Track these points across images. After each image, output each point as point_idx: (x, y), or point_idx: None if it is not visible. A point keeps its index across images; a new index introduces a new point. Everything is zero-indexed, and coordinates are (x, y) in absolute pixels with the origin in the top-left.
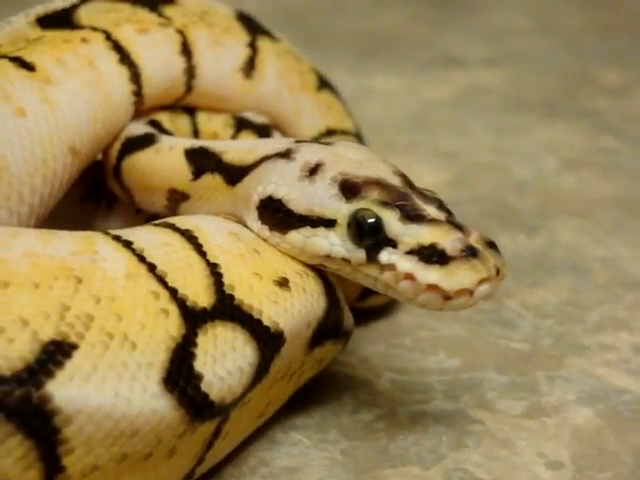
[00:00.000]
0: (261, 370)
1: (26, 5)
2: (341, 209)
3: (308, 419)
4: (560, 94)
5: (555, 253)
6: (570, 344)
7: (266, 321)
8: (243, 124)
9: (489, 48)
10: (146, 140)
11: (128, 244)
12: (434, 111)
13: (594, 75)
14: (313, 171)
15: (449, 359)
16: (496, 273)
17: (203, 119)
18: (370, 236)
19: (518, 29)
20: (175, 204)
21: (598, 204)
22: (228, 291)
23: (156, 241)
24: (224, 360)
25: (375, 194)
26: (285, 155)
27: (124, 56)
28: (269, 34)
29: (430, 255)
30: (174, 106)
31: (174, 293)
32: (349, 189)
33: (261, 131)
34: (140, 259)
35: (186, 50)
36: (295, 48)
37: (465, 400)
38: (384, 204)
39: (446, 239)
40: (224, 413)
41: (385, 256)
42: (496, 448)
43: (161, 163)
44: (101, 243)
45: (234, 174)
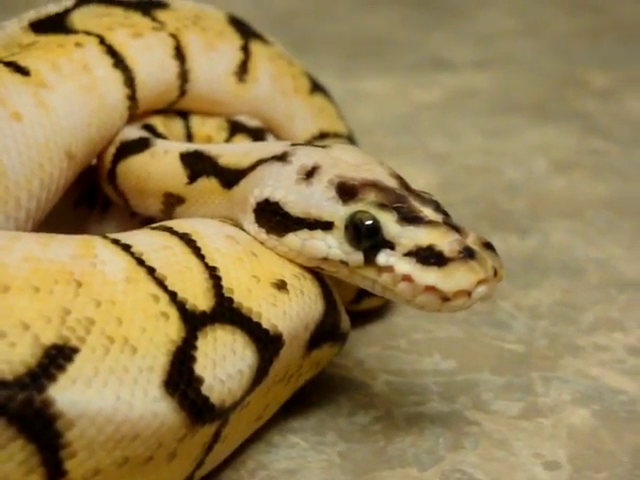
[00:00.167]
0: (260, 373)
1: (19, 10)
2: (338, 211)
3: (305, 422)
4: (549, 96)
5: (547, 254)
6: (565, 345)
7: (265, 324)
8: (237, 128)
9: (477, 51)
10: (141, 144)
11: (127, 248)
12: (423, 113)
13: (582, 77)
14: (310, 174)
15: (444, 361)
16: (493, 274)
17: (197, 123)
18: (368, 238)
19: (505, 32)
20: (171, 208)
21: (589, 205)
22: (227, 294)
23: (155, 244)
24: (224, 363)
25: (372, 196)
26: (281, 158)
27: (118, 60)
28: (261, 38)
29: (428, 257)
30: (168, 110)
31: (174, 296)
32: (346, 191)
33: (255, 134)
34: (139, 262)
35: (179, 54)
36: (287, 52)
37: (461, 401)
38: (381, 206)
39: (444, 241)
40: (224, 416)
41: (383, 258)
42: (493, 449)
43: (156, 167)
44: (100, 247)
45: (230, 177)
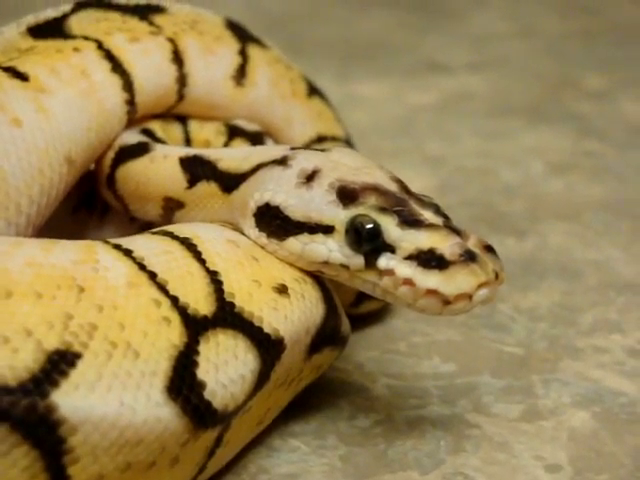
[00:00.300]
0: (262, 377)
1: (17, 15)
2: (339, 215)
3: (306, 425)
4: (544, 98)
5: (545, 256)
6: (564, 347)
7: (267, 328)
8: (235, 132)
9: (472, 53)
10: (140, 149)
11: (128, 252)
12: (419, 116)
13: (577, 79)
14: (310, 178)
15: (444, 364)
16: (495, 277)
17: (195, 127)
18: (368, 242)
19: (500, 34)
20: (170, 212)
21: (586, 207)
22: (228, 299)
23: (156, 249)
24: (226, 368)
25: (373, 200)
26: (281, 162)
27: (116, 65)
28: (259, 42)
29: (429, 260)
30: (166, 114)
31: (175, 301)
32: (347, 195)
33: (253, 139)
34: (141, 267)
35: (177, 58)
36: (284, 55)
37: (462, 404)
38: (382, 210)
39: (445, 244)
40: (226, 421)
41: (384, 262)
42: (494, 452)
43: (156, 172)
44: (102, 252)
45: (230, 182)
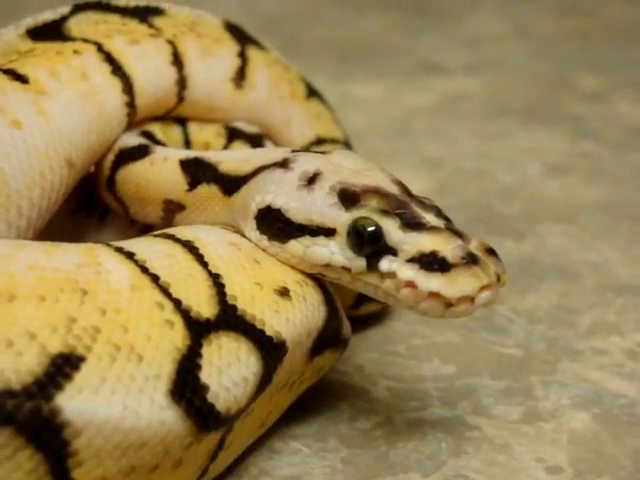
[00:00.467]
0: (264, 380)
1: (16, 17)
2: (341, 218)
3: (307, 428)
4: (540, 100)
5: (543, 258)
6: (563, 349)
7: (269, 331)
8: (235, 134)
9: (468, 54)
10: (140, 151)
11: (130, 255)
12: (416, 118)
13: (572, 80)
14: (311, 180)
15: (444, 366)
16: (496, 280)
17: (195, 129)
18: (370, 244)
19: (495, 35)
20: (171, 215)
21: (584, 209)
22: (231, 301)
23: (158, 252)
24: (229, 370)
25: (374, 202)
26: (283, 165)
27: (116, 67)
28: (258, 44)
29: (431, 263)
30: (165, 117)
31: (178, 304)
32: (348, 198)
33: (253, 141)
34: (143, 270)
35: (177, 61)
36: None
37: (462, 407)
38: (384, 212)
39: (446, 246)
40: (229, 424)
41: (386, 264)
42: (495, 454)
43: (156, 174)
44: (104, 255)
45: (230, 184)
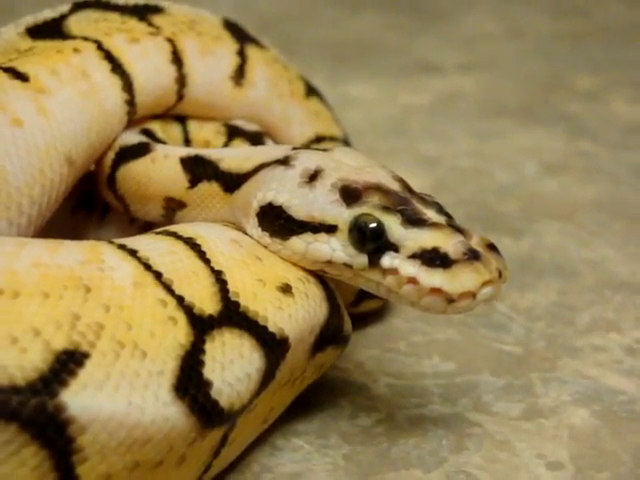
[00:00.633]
0: (267, 376)
1: (15, 15)
2: (342, 214)
3: (308, 425)
4: (535, 99)
5: (541, 256)
6: (562, 346)
7: (272, 327)
8: (235, 132)
9: (463, 54)
10: (141, 149)
11: (133, 253)
12: (412, 117)
13: (567, 80)
14: (313, 177)
15: (444, 363)
16: (498, 275)
17: (194, 127)
18: (372, 241)
19: (490, 35)
20: (171, 213)
21: (580, 207)
22: (233, 298)
23: (160, 249)
24: (232, 367)
25: (376, 199)
26: (284, 162)
27: (116, 65)
28: (257, 42)
29: (433, 259)
30: (165, 115)
31: (181, 301)
32: (350, 194)
33: (253, 139)
34: (146, 267)
35: (177, 59)
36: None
37: (462, 403)
38: (385, 209)
39: (448, 242)
40: (232, 420)
41: (387, 260)
42: (496, 450)
43: (157, 172)
44: (107, 252)
45: (231, 182)
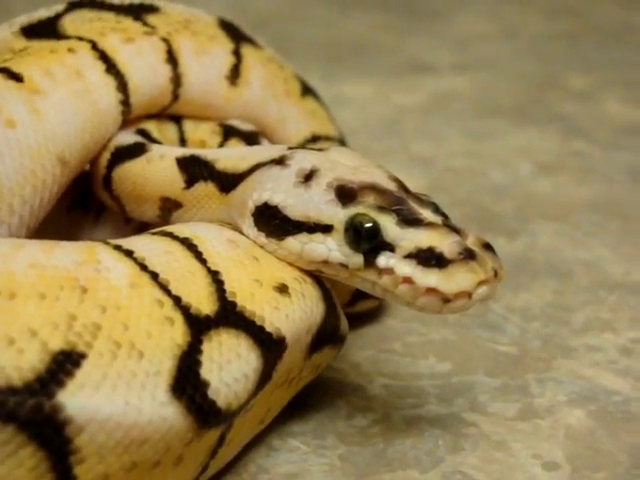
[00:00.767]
0: (264, 376)
1: (10, 15)
2: (338, 214)
3: (304, 425)
4: (529, 99)
5: (536, 256)
6: (557, 346)
7: (269, 327)
8: (230, 132)
9: (456, 54)
10: (136, 149)
11: (129, 253)
12: (406, 117)
13: (561, 80)
14: (308, 177)
15: (439, 363)
16: (494, 275)
17: (190, 127)
18: (368, 241)
19: (483, 35)
20: (167, 213)
21: (575, 207)
22: (230, 298)
23: (156, 250)
24: (229, 367)
25: (371, 199)
26: (279, 162)
27: (110, 65)
28: (252, 41)
29: (428, 258)
30: (160, 115)
31: (178, 301)
32: (345, 194)
33: (248, 138)
34: (142, 268)
35: (172, 58)
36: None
37: (458, 403)
38: (381, 209)
39: (444, 242)
40: (229, 420)
41: (383, 260)
42: (492, 450)
43: (153, 172)
44: (103, 253)
45: (227, 182)
